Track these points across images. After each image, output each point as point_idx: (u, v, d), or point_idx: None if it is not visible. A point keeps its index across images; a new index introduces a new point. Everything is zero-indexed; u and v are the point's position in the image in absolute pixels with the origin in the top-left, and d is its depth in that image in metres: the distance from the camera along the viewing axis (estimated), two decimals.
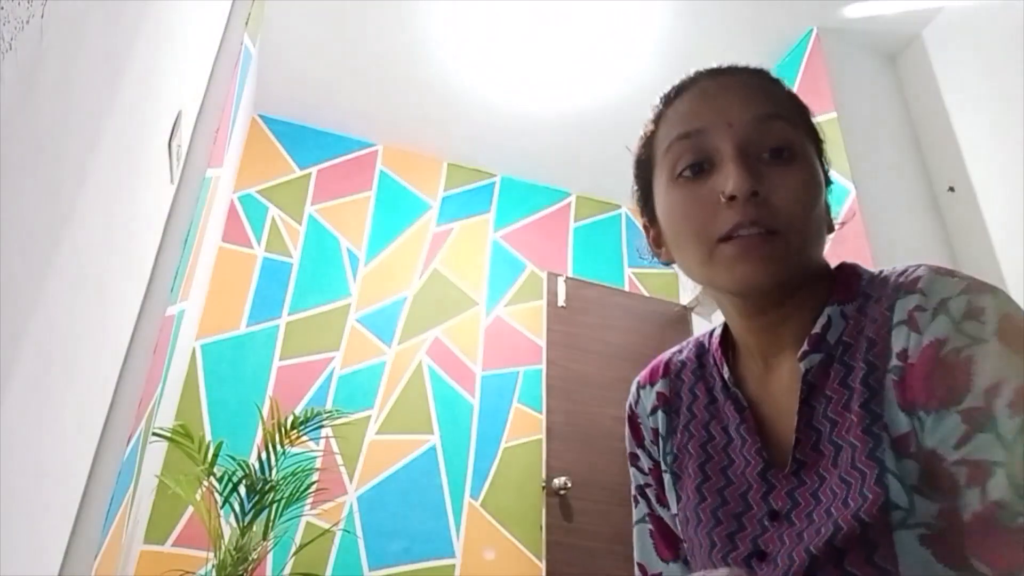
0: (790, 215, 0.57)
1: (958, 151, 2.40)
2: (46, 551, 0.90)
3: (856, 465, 0.53)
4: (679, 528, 0.68)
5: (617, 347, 3.08)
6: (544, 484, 2.74)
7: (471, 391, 3.06)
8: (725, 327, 0.71)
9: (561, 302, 3.10)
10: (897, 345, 0.54)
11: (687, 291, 3.56)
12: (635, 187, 0.71)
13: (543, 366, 3.00)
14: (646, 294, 3.53)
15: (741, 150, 0.58)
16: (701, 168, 0.60)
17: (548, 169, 3.59)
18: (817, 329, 0.59)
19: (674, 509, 0.69)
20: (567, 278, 3.21)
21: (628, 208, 3.78)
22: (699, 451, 0.67)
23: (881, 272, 0.61)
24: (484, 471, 2.91)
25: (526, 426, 3.04)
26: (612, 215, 3.76)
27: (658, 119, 0.67)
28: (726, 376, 0.67)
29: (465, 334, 3.18)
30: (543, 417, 2.88)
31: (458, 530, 2.77)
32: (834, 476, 0.55)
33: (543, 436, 2.83)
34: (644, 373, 0.77)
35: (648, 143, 0.68)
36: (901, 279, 0.57)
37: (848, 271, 0.63)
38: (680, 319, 3.36)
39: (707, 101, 0.62)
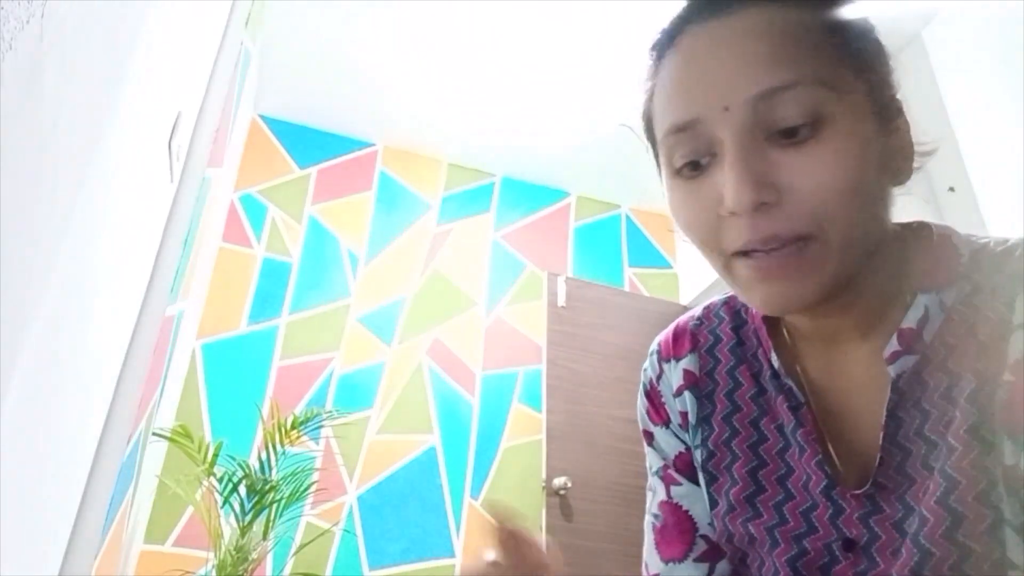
0: (824, 211, 0.43)
1: (958, 151, 2.40)
2: (46, 551, 0.90)
3: (955, 507, 0.43)
4: (717, 534, 0.58)
5: (617, 347, 3.08)
6: (544, 484, 2.74)
7: (471, 391, 3.06)
8: None
9: (561, 302, 3.10)
10: (1014, 354, 0.42)
11: (687, 291, 3.56)
12: (648, 147, 0.58)
13: (543, 366, 2.99)
14: (646, 294, 3.53)
15: (743, 141, 0.44)
16: (701, 162, 0.48)
17: (548, 169, 3.59)
18: (911, 324, 0.47)
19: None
20: (567, 278, 3.21)
21: (628, 208, 3.78)
22: (748, 454, 0.56)
23: (987, 244, 0.49)
24: (484, 471, 2.91)
25: (526, 426, 3.04)
26: (612, 215, 3.76)
27: (654, 75, 0.53)
28: (775, 364, 0.54)
29: (465, 334, 3.18)
30: (543, 417, 2.87)
31: (458, 530, 2.77)
32: (928, 509, 0.44)
33: (543, 436, 2.83)
34: (664, 342, 0.64)
35: (650, 101, 0.54)
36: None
37: (942, 243, 0.50)
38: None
39: (697, 71, 0.47)
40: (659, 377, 0.64)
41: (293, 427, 2.28)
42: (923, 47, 2.63)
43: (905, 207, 0.53)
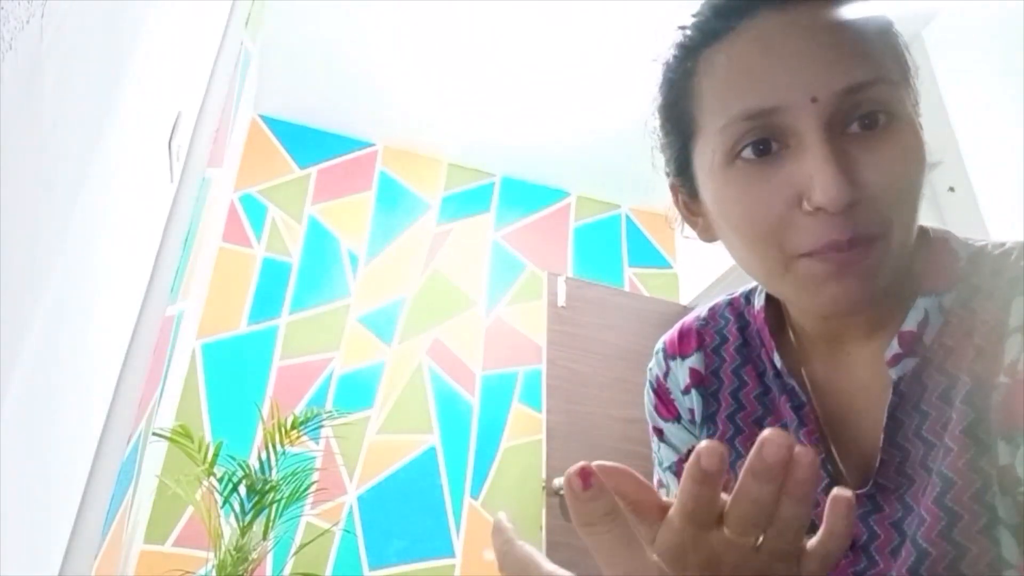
0: (895, 210, 0.43)
1: (958, 151, 2.40)
2: (46, 551, 0.90)
3: (951, 507, 0.43)
4: None
5: (617, 347, 3.08)
6: (544, 484, 2.73)
7: (471, 391, 3.06)
8: (769, 294, 0.58)
9: (561, 302, 3.10)
10: (1009, 356, 0.42)
11: (687, 291, 3.56)
12: (659, 132, 0.55)
13: (543, 366, 2.99)
14: (646, 294, 3.53)
15: (829, 134, 0.43)
16: (768, 147, 0.45)
17: (548, 169, 3.59)
18: (912, 327, 0.47)
19: None
20: (567, 278, 3.21)
21: (628, 208, 3.78)
22: None
23: (985, 247, 0.49)
24: (484, 471, 2.91)
25: (526, 426, 3.04)
26: (612, 215, 3.76)
27: (695, 58, 0.49)
28: (778, 364, 0.55)
29: (465, 334, 3.18)
30: (543, 417, 2.87)
31: (458, 530, 2.77)
32: (925, 508, 0.45)
33: (543, 436, 2.83)
34: (669, 340, 0.65)
35: (683, 89, 0.50)
36: (1022, 265, 0.45)
37: (940, 246, 0.50)
38: (681, 319, 3.35)
39: (777, 60, 0.44)
40: (666, 374, 0.65)
41: (293, 427, 2.28)
42: (923, 47, 2.63)
43: None
